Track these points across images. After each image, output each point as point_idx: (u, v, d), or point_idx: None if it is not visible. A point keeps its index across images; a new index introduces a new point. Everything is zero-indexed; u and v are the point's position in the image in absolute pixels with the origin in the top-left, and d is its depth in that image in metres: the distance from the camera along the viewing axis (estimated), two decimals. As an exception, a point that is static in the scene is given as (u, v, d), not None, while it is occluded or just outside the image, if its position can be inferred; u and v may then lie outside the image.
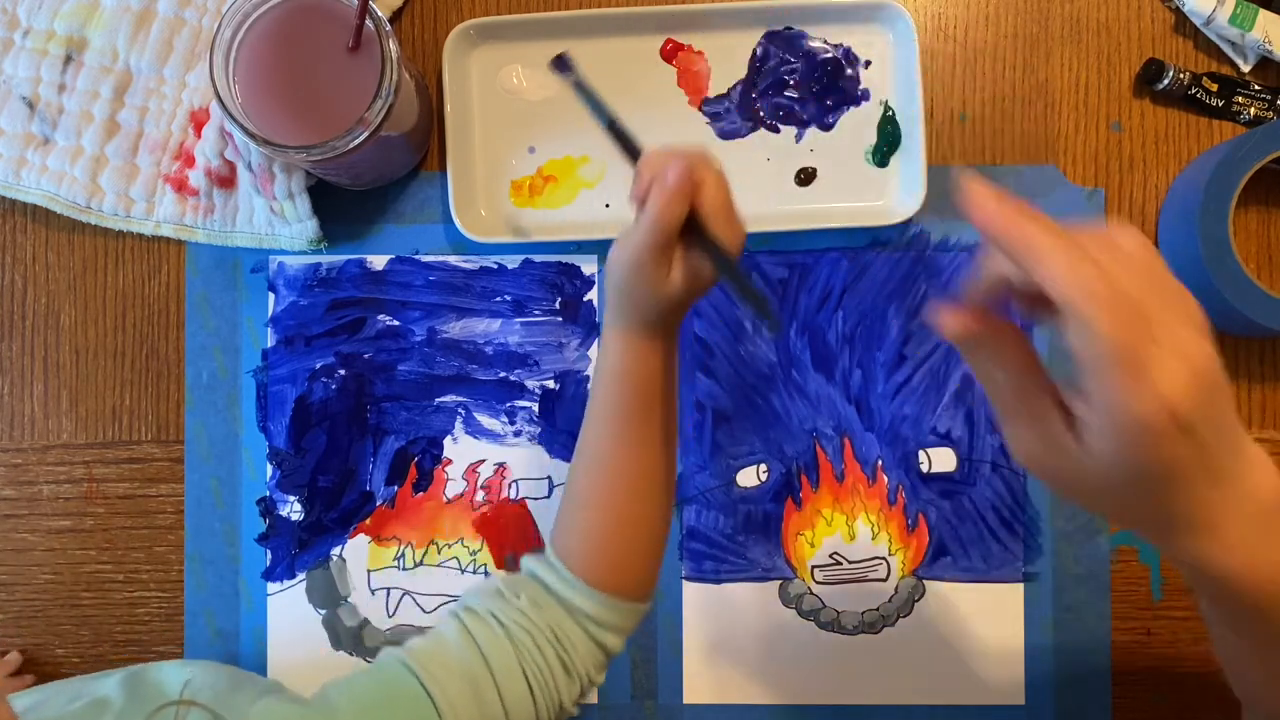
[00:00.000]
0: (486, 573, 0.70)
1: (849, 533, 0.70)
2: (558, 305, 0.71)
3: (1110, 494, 0.38)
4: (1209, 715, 0.69)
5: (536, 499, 0.71)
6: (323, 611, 0.71)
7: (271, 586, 0.71)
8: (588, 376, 0.71)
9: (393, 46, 0.59)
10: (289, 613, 0.71)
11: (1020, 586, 0.69)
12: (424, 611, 0.71)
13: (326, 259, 0.71)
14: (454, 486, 0.71)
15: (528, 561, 0.56)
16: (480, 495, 0.71)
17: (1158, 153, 0.70)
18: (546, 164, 0.71)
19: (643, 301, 0.51)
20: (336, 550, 0.71)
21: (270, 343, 0.72)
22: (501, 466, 0.71)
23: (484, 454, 0.71)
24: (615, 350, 0.53)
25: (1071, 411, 0.37)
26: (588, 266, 0.71)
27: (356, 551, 0.71)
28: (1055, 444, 0.38)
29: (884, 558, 0.70)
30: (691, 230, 0.48)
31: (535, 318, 0.71)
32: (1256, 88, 0.69)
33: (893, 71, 0.69)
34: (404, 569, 0.71)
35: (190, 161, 0.68)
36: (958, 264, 0.70)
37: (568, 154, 0.71)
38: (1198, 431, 0.35)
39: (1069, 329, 0.35)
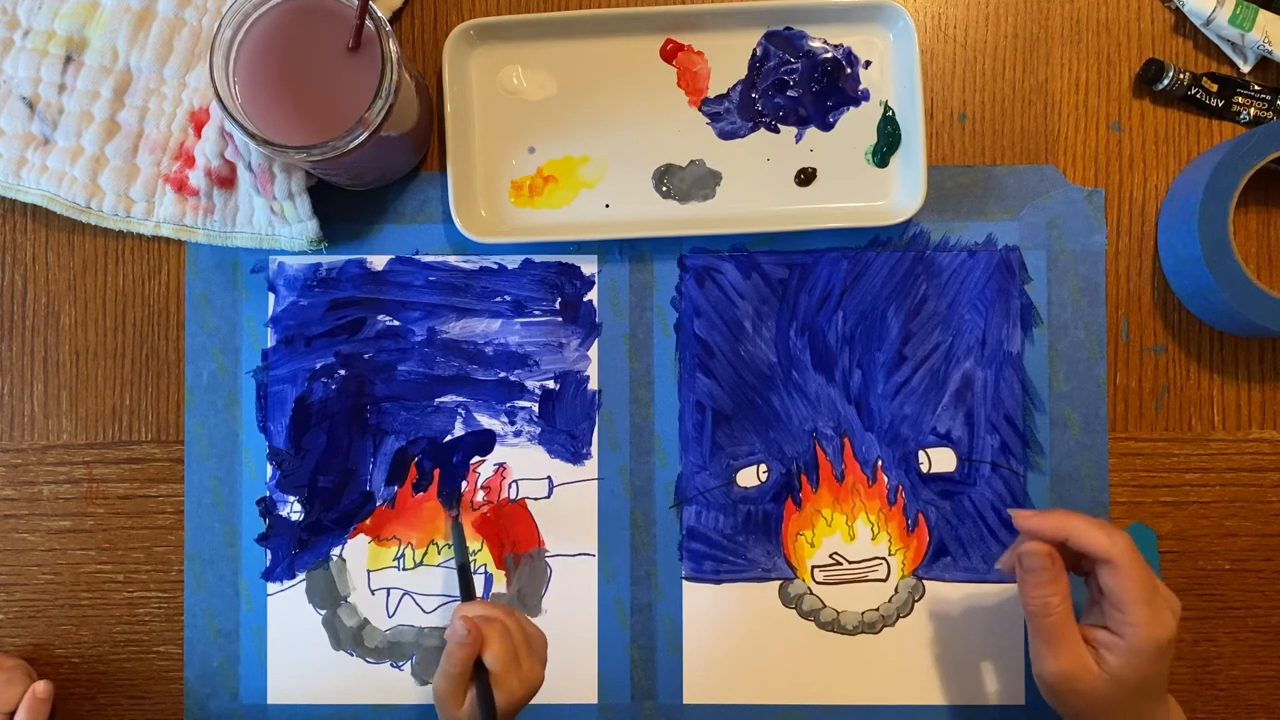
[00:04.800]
0: (487, 573, 0.70)
1: (849, 533, 0.70)
2: (558, 305, 0.71)
3: (1114, 708, 0.56)
4: (1208, 715, 0.69)
5: (536, 499, 0.71)
6: (323, 611, 0.71)
7: (271, 586, 0.71)
8: (588, 377, 0.71)
9: (393, 46, 0.59)
10: (289, 613, 0.71)
11: (1020, 586, 0.69)
12: (424, 612, 0.71)
13: (326, 259, 0.71)
14: (454, 486, 0.71)
15: None
16: (480, 495, 0.71)
17: (1158, 153, 0.70)
18: (546, 164, 0.71)
19: None
20: (336, 550, 0.71)
21: (270, 343, 0.72)
22: (501, 467, 0.71)
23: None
24: None
25: (1092, 643, 0.56)
26: (588, 267, 0.71)
27: (356, 551, 0.71)
28: (1085, 667, 0.55)
29: (884, 558, 0.70)
30: (480, 672, 0.58)
31: (535, 318, 0.71)
32: (1256, 88, 0.69)
33: (893, 71, 0.69)
34: (404, 569, 0.71)
35: (190, 162, 0.68)
36: (957, 264, 0.70)
37: (568, 154, 0.71)
38: (1170, 655, 0.56)
39: (1111, 575, 0.55)
